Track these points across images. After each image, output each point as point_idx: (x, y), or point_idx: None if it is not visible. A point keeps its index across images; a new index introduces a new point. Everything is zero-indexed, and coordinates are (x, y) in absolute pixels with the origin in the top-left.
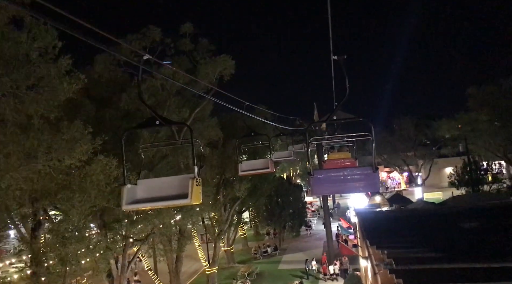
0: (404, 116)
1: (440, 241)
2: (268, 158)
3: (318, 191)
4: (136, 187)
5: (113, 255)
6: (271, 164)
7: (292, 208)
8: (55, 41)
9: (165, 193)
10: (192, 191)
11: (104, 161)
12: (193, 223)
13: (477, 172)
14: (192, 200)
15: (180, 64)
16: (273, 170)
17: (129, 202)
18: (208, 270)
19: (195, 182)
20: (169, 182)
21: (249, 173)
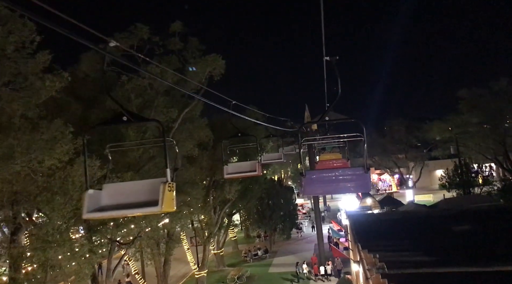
0: (395, 119)
1: (432, 244)
2: (256, 160)
3: (310, 191)
4: (101, 192)
5: (97, 260)
6: (258, 166)
7: (283, 210)
8: (33, 35)
9: (133, 199)
10: (164, 197)
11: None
12: (182, 226)
13: (468, 174)
14: (163, 208)
15: (169, 63)
16: (260, 173)
17: (91, 210)
18: (197, 274)
19: (168, 187)
20: (138, 187)
21: (235, 175)
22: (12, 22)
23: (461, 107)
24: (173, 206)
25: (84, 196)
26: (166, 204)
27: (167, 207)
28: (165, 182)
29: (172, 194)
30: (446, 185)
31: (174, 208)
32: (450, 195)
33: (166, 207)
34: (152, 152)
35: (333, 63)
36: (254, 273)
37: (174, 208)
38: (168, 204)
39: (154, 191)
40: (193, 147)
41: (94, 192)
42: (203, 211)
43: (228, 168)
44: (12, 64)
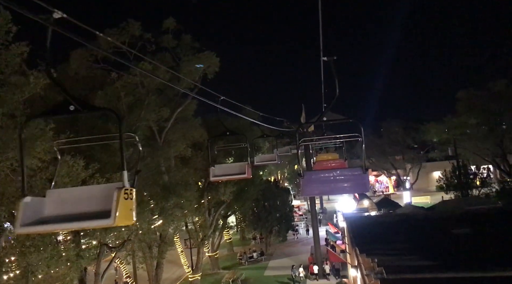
0: (392, 120)
1: (431, 248)
2: (245, 162)
3: (309, 191)
4: (43, 200)
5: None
6: (248, 168)
7: (279, 212)
8: (9, 25)
9: (84, 208)
10: (118, 207)
11: (70, 161)
12: (175, 228)
13: (466, 176)
14: (116, 220)
15: (162, 61)
16: (250, 175)
17: (28, 222)
18: (191, 277)
19: (124, 194)
20: (91, 193)
21: (222, 178)
22: None
23: (459, 108)
24: (132, 217)
25: (19, 205)
26: (122, 216)
27: (123, 219)
28: (120, 188)
29: (131, 203)
30: (444, 187)
31: (132, 220)
32: (448, 196)
33: (121, 219)
34: (143, 152)
35: (331, 63)
36: (249, 276)
37: (133, 220)
38: (124, 216)
39: (108, 199)
40: (186, 147)
41: (33, 199)
42: (198, 212)
43: (215, 169)
44: None
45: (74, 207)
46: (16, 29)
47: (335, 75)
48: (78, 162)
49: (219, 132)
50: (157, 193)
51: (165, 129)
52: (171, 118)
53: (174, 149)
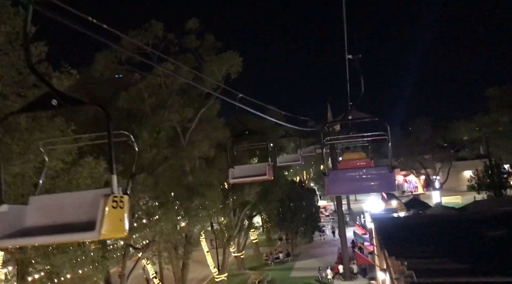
0: (421, 118)
1: (464, 250)
2: (266, 163)
3: (333, 191)
4: (24, 208)
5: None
6: (269, 169)
7: (305, 213)
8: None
9: (68, 218)
10: (104, 217)
11: (92, 163)
12: (201, 228)
13: (499, 176)
14: (102, 233)
15: (184, 62)
16: (271, 177)
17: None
18: (217, 277)
19: (112, 203)
20: (77, 200)
21: (242, 180)
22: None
23: (490, 106)
24: (123, 229)
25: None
26: (110, 228)
27: (112, 232)
28: (107, 195)
29: (121, 213)
30: (475, 187)
31: (124, 232)
32: (480, 197)
33: (109, 231)
34: (166, 153)
35: (356, 61)
36: (275, 277)
37: (125, 232)
38: (113, 228)
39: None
40: (209, 147)
41: (11, 208)
42: (223, 213)
43: (234, 171)
44: (3, 57)
45: (59, 216)
46: (35, 29)
47: (360, 73)
48: (100, 163)
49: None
50: (181, 193)
51: (189, 130)
52: (194, 119)
53: (198, 150)
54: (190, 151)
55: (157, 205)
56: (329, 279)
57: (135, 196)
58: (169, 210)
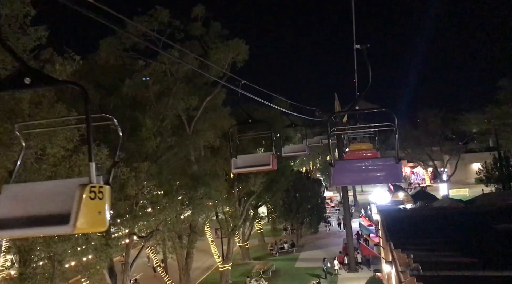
0: (429, 109)
1: (471, 244)
2: (270, 152)
3: (339, 181)
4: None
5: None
6: (272, 159)
7: (311, 203)
8: (27, 9)
9: (41, 209)
10: (80, 209)
11: (94, 150)
12: (206, 218)
13: (508, 168)
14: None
15: (190, 49)
16: (275, 167)
17: None
18: (221, 267)
19: (89, 193)
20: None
21: (245, 170)
22: None
23: (501, 97)
24: (102, 223)
25: None
26: (86, 221)
27: (90, 225)
28: (84, 185)
29: (100, 205)
30: (484, 179)
31: (104, 226)
32: (488, 189)
33: (86, 224)
34: (170, 141)
35: (364, 51)
36: (280, 267)
37: (105, 226)
38: (90, 221)
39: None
40: (215, 136)
41: None
42: (228, 202)
43: (237, 161)
44: None
45: (33, 207)
46: (34, 12)
47: (368, 63)
48: (102, 150)
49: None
50: (186, 182)
51: (194, 119)
52: (200, 107)
53: (203, 138)
54: (195, 139)
55: (161, 194)
56: (336, 269)
57: (139, 184)
58: (173, 198)
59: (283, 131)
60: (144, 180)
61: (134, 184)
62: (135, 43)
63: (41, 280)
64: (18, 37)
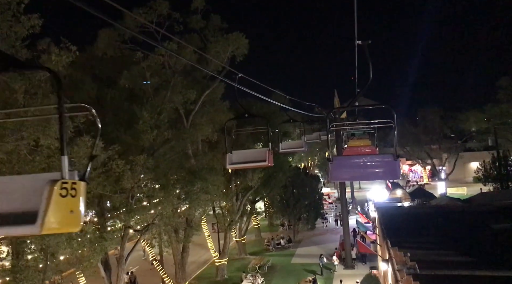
0: (429, 107)
1: (468, 243)
2: (267, 149)
3: (337, 176)
4: None
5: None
6: (268, 155)
7: (308, 200)
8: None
9: (7, 207)
10: (49, 207)
11: (89, 142)
12: (202, 213)
13: (507, 168)
14: (46, 227)
15: (189, 42)
16: (271, 163)
17: None
18: (217, 261)
19: (61, 190)
20: (20, 186)
21: (240, 166)
22: None
23: (500, 96)
24: (75, 223)
25: None
26: (57, 220)
27: (60, 225)
28: (55, 181)
29: (73, 203)
30: (482, 178)
31: (77, 226)
32: (486, 189)
33: (56, 224)
34: (167, 134)
35: (365, 47)
36: (276, 263)
37: (78, 226)
38: (61, 219)
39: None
40: (212, 131)
41: None
42: (225, 197)
43: (232, 156)
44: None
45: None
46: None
47: (369, 59)
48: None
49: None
50: (183, 177)
51: (192, 112)
52: (198, 101)
53: (200, 133)
54: (192, 133)
55: (157, 187)
56: (336, 265)
57: (135, 178)
58: (169, 192)
59: (280, 127)
60: (140, 173)
61: (130, 177)
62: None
63: (34, 273)
64: (10, 25)
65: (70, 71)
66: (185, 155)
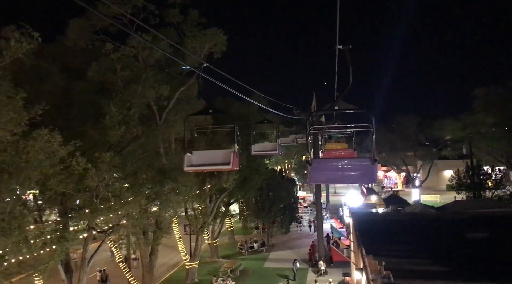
0: (405, 115)
1: (443, 252)
2: (232, 150)
3: (315, 179)
4: None
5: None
6: (234, 158)
7: (283, 203)
8: None
9: None
10: None
11: (46, 136)
12: (172, 214)
13: (480, 177)
14: None
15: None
16: (236, 167)
17: None
18: (188, 264)
19: None
20: None
21: (200, 169)
22: None
23: (476, 106)
24: None
25: None
26: None
27: None
28: None
29: None
30: (455, 186)
31: None
32: (459, 197)
33: None
34: (136, 131)
35: (346, 52)
36: (248, 267)
37: None
38: None
39: None
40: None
41: None
42: (199, 199)
43: (191, 157)
44: None
45: None
46: None
47: (349, 64)
48: (55, 136)
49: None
50: (152, 176)
51: (165, 109)
52: (173, 97)
53: (174, 131)
54: (164, 131)
55: (125, 187)
56: (323, 270)
57: (100, 176)
58: (138, 192)
59: (255, 127)
60: (106, 171)
61: (94, 175)
62: (106, 26)
63: None
64: None
65: (37, 62)
66: (156, 154)
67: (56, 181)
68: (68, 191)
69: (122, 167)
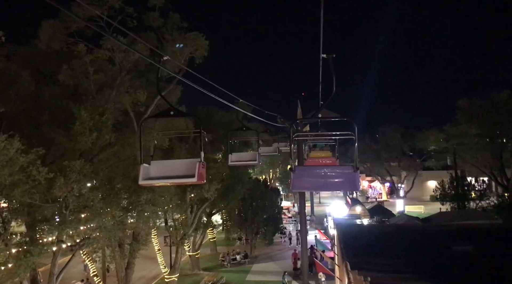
0: (389, 125)
1: (430, 266)
2: (197, 160)
3: (298, 186)
4: None
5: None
6: (199, 169)
7: (267, 213)
8: None
9: None
10: None
11: (3, 142)
12: (150, 226)
13: (464, 188)
14: None
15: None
16: (202, 180)
17: None
18: (167, 277)
19: None
20: None
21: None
22: None
23: (459, 117)
24: None
25: None
26: None
27: None
28: None
29: None
30: (439, 197)
31: None
32: (444, 208)
33: None
34: (109, 138)
35: (330, 61)
36: (230, 280)
37: None
38: None
39: None
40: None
41: None
42: (179, 209)
43: (148, 168)
44: None
45: None
46: None
47: (333, 73)
48: (13, 143)
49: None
50: (128, 186)
51: (143, 116)
52: (151, 104)
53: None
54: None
55: (98, 197)
56: (323, 281)
57: (69, 186)
58: (111, 203)
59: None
60: (75, 180)
61: (62, 185)
62: (81, 28)
63: None
64: None
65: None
66: (133, 162)
67: (20, 190)
68: (35, 202)
69: (93, 176)
